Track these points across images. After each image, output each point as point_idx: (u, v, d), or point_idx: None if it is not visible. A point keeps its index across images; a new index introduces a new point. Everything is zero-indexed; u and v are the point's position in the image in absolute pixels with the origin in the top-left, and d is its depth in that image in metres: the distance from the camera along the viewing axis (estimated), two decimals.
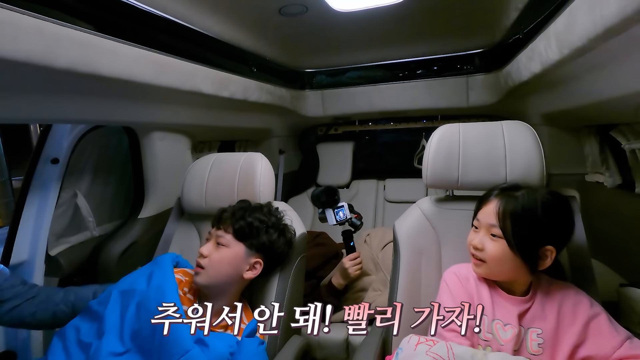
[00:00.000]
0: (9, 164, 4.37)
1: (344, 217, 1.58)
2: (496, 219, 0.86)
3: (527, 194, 0.86)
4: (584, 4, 0.76)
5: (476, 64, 1.94)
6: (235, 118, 1.81)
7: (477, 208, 0.94)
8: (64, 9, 0.82)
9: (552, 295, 0.88)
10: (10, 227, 1.30)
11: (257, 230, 1.04)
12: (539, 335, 0.84)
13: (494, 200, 0.88)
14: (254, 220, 1.04)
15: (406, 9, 1.40)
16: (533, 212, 0.84)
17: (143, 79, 1.07)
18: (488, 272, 0.90)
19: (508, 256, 0.85)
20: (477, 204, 0.95)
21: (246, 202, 1.10)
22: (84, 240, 1.45)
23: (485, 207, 0.90)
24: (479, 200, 0.94)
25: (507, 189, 0.90)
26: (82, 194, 1.43)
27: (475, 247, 0.89)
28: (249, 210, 1.06)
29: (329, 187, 1.61)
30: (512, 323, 0.85)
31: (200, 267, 0.99)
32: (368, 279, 1.65)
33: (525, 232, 0.84)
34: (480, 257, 0.89)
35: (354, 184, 2.51)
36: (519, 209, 0.85)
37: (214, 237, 1.03)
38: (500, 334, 0.85)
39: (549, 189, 0.90)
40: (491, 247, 0.87)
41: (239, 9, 1.33)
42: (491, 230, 0.87)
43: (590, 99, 1.10)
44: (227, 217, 1.03)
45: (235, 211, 1.05)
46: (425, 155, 1.11)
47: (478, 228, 0.91)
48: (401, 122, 2.50)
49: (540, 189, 0.89)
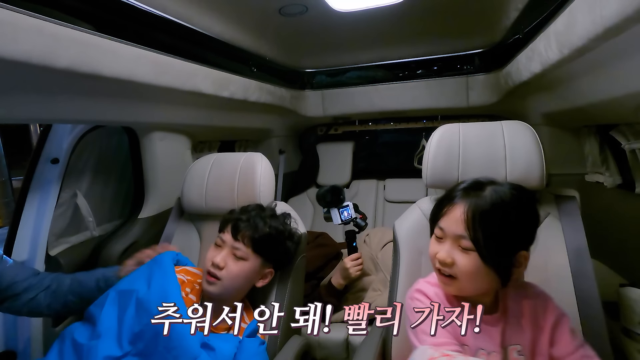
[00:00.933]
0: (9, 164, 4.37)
1: (348, 217, 1.59)
2: (465, 228, 0.72)
3: (495, 192, 0.74)
4: (584, 4, 0.76)
5: (476, 64, 1.94)
6: (235, 118, 1.81)
7: (436, 213, 0.79)
8: (64, 9, 0.82)
9: (522, 302, 0.80)
10: (10, 227, 1.30)
11: (275, 243, 1.02)
12: (519, 353, 0.77)
13: (459, 205, 0.74)
14: (272, 231, 1.01)
15: (406, 9, 1.40)
16: (505, 214, 0.73)
17: (143, 79, 1.07)
18: (459, 289, 0.77)
19: (482, 270, 0.73)
20: (437, 208, 0.79)
21: (259, 208, 1.06)
22: (84, 240, 1.45)
23: (449, 214, 0.76)
24: (439, 204, 0.79)
25: (470, 189, 0.76)
26: (82, 194, 1.42)
27: (442, 261, 0.75)
28: (266, 219, 1.02)
29: (334, 186, 1.61)
30: (496, 350, 0.77)
31: (215, 278, 0.95)
32: (368, 279, 1.65)
33: (499, 241, 0.72)
34: (449, 274, 0.75)
35: (354, 184, 2.51)
36: (489, 212, 0.72)
37: (229, 247, 0.98)
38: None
39: (512, 183, 0.79)
40: (463, 262, 0.73)
41: (239, 9, 1.33)
42: (460, 242, 0.74)
43: (590, 99, 1.10)
44: (245, 227, 0.98)
45: (252, 220, 1.00)
46: (425, 155, 1.11)
47: (442, 238, 0.77)
48: (401, 122, 2.50)
49: (504, 184, 0.77)
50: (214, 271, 0.96)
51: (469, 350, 0.76)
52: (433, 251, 0.79)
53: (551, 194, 1.09)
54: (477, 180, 0.79)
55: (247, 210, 1.05)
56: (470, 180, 0.80)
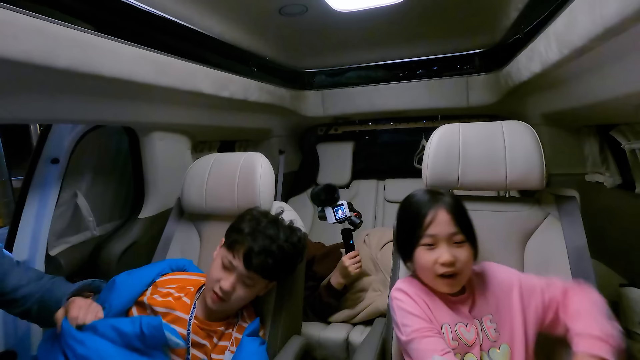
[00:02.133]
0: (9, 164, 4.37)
1: (343, 216, 1.58)
2: (455, 225, 0.84)
3: (446, 192, 0.91)
4: (584, 4, 0.76)
5: (476, 64, 1.94)
6: (235, 118, 1.81)
7: (418, 227, 0.86)
8: (64, 9, 0.82)
9: (481, 278, 0.91)
10: (10, 227, 1.30)
11: (287, 266, 1.00)
12: (492, 321, 0.86)
13: (439, 209, 0.85)
14: (286, 257, 0.97)
15: (406, 9, 1.40)
16: (458, 202, 0.89)
17: (143, 79, 1.07)
18: (460, 283, 0.86)
19: (471, 255, 0.85)
20: (416, 223, 0.86)
21: (273, 227, 0.97)
22: (84, 240, 1.44)
23: (435, 220, 0.84)
24: (415, 218, 0.87)
25: (434, 196, 0.89)
26: (82, 194, 1.42)
27: (446, 263, 0.82)
28: (282, 244, 0.95)
29: (328, 185, 1.60)
30: (470, 321, 0.86)
31: (221, 299, 0.93)
32: (368, 279, 1.65)
33: (468, 222, 0.87)
34: (453, 272, 0.83)
35: (354, 184, 2.51)
36: (457, 204, 0.87)
37: (239, 274, 0.93)
38: (465, 336, 0.85)
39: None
40: (462, 255, 0.83)
41: (239, 9, 1.33)
42: (453, 239, 0.83)
43: (590, 99, 1.10)
44: (260, 260, 0.92)
45: (266, 249, 0.93)
46: (425, 155, 1.11)
47: (434, 245, 0.85)
48: (401, 122, 2.50)
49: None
50: (220, 294, 0.92)
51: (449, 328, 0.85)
52: (431, 259, 0.85)
53: (551, 194, 1.09)
54: (428, 190, 0.93)
55: (260, 231, 0.95)
56: (424, 191, 0.93)
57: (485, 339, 0.85)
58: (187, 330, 0.93)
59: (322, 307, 1.57)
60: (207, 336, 0.94)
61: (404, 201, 0.95)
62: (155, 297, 0.99)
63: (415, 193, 0.93)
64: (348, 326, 1.58)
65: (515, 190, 1.26)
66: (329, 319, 1.60)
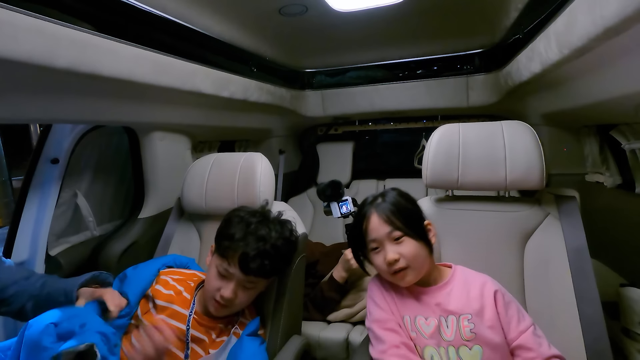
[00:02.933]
0: (9, 164, 4.37)
1: (347, 210, 1.63)
2: (388, 224, 0.88)
3: (387, 192, 0.95)
4: (584, 4, 0.76)
5: (476, 64, 1.94)
6: (235, 118, 1.81)
7: (358, 237, 0.94)
8: (64, 9, 0.82)
9: (471, 279, 0.93)
10: (10, 227, 1.30)
11: (283, 262, 1.02)
12: (469, 321, 0.86)
13: (371, 215, 0.91)
14: (282, 254, 0.98)
15: (406, 9, 1.40)
16: (397, 199, 0.93)
17: (143, 79, 1.07)
18: (415, 274, 0.89)
19: (417, 246, 0.88)
20: (356, 234, 0.95)
21: (265, 225, 0.96)
22: (84, 240, 1.45)
23: (370, 226, 0.90)
24: (358, 229, 0.94)
25: (370, 201, 0.94)
26: (82, 194, 1.43)
27: (391, 261, 0.87)
28: (276, 242, 0.95)
29: (334, 181, 1.65)
30: (432, 315, 0.88)
31: (223, 305, 0.93)
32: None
33: (408, 216, 0.91)
34: (401, 267, 0.87)
35: (354, 184, 2.51)
36: (392, 203, 0.91)
37: (237, 280, 0.92)
38: (423, 328, 0.88)
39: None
40: (405, 249, 0.87)
41: (239, 9, 1.33)
42: (391, 236, 0.88)
43: (590, 99, 1.10)
44: (256, 262, 0.91)
45: (261, 251, 0.92)
46: (425, 155, 1.11)
47: (379, 247, 0.90)
48: (401, 122, 2.50)
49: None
50: (223, 303, 0.92)
51: (409, 319, 0.90)
52: (380, 261, 0.90)
53: (551, 194, 1.09)
54: (370, 196, 0.97)
55: (251, 234, 0.93)
56: (362, 202, 0.98)
57: (458, 336, 0.86)
58: (187, 326, 0.94)
59: (324, 302, 1.58)
60: (206, 332, 0.95)
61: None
62: (158, 289, 1.00)
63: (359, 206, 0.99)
64: (348, 326, 1.58)
65: (515, 190, 1.26)
66: (328, 318, 1.61)
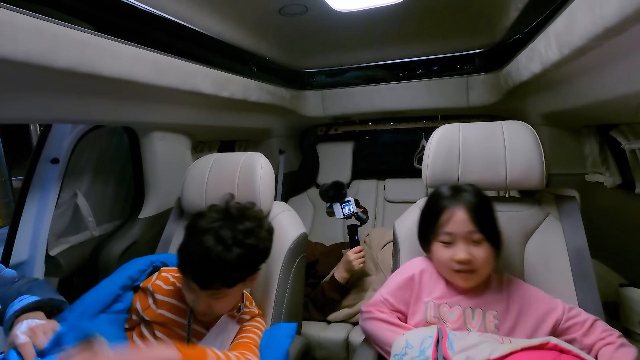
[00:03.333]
0: (9, 164, 4.37)
1: (350, 212, 1.62)
2: (473, 225, 0.85)
3: (471, 189, 0.91)
4: (584, 4, 0.76)
5: (476, 64, 1.94)
6: (235, 118, 1.81)
7: (433, 224, 0.90)
8: (64, 9, 0.82)
9: (509, 284, 0.91)
10: (10, 227, 1.30)
11: (253, 264, 0.90)
12: (495, 317, 0.87)
13: (457, 208, 0.87)
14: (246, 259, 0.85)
15: (406, 9, 1.40)
16: (486, 200, 0.90)
17: (143, 79, 1.07)
18: (477, 280, 0.88)
19: (490, 253, 0.86)
20: (432, 219, 0.90)
21: (222, 225, 0.84)
22: (84, 240, 1.45)
23: (452, 219, 0.87)
24: (434, 215, 0.90)
25: (455, 193, 0.90)
26: (82, 194, 1.42)
27: (462, 261, 0.85)
28: (232, 256, 0.82)
29: (336, 182, 1.64)
30: (459, 304, 0.89)
31: (204, 314, 0.90)
32: (368, 279, 1.65)
33: (492, 221, 0.89)
34: (469, 269, 0.85)
35: (354, 184, 2.51)
36: (480, 203, 0.88)
37: (203, 295, 0.85)
38: (447, 316, 0.88)
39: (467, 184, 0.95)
40: (479, 254, 0.85)
41: (239, 9, 1.33)
42: (471, 237, 0.85)
43: (590, 99, 1.10)
44: (212, 276, 0.83)
45: (215, 260, 0.81)
46: (425, 155, 1.11)
47: (451, 242, 0.87)
48: (401, 122, 2.50)
49: (465, 185, 0.93)
50: (202, 313, 0.90)
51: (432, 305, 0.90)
52: (447, 255, 0.88)
53: (551, 194, 1.09)
54: (453, 185, 0.94)
55: (209, 250, 0.81)
56: (448, 187, 0.94)
57: (482, 328, 0.86)
58: (188, 322, 0.94)
59: (324, 302, 1.59)
60: (206, 327, 0.95)
61: (430, 194, 0.98)
62: (159, 284, 0.99)
63: (440, 188, 0.95)
64: (348, 326, 1.58)
65: (515, 190, 1.26)
66: (328, 318, 1.61)
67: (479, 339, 0.79)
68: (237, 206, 0.91)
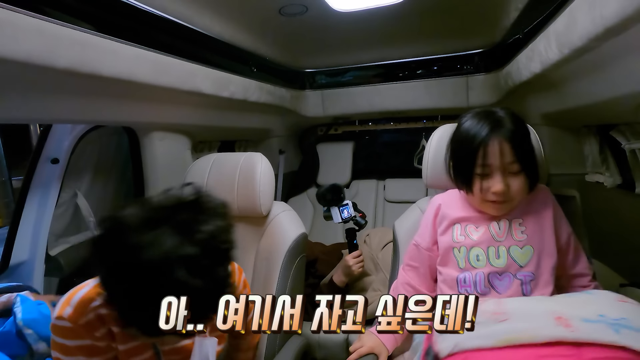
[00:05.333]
0: (9, 164, 4.37)
1: (348, 215, 1.59)
2: (512, 155, 0.82)
3: (507, 115, 0.85)
4: (584, 4, 0.76)
5: (476, 64, 1.94)
6: (235, 118, 1.81)
7: (473, 155, 0.83)
8: (64, 9, 0.82)
9: (532, 200, 0.91)
10: (10, 227, 1.30)
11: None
12: (521, 224, 0.88)
13: (493, 138, 0.82)
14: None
15: (406, 9, 1.40)
16: (524, 128, 0.87)
17: (143, 79, 1.07)
18: (509, 208, 0.88)
19: (526, 183, 0.85)
20: (467, 152, 0.85)
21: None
22: (84, 240, 1.45)
23: (489, 150, 0.82)
24: (467, 147, 0.85)
25: (490, 121, 0.83)
26: (82, 194, 1.43)
27: (498, 193, 0.83)
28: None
29: (334, 185, 1.61)
30: (483, 223, 0.90)
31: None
32: (368, 279, 1.65)
33: (530, 151, 0.87)
34: (504, 199, 0.84)
35: (354, 184, 2.51)
36: (519, 132, 0.84)
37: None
38: (473, 234, 0.90)
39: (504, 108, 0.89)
40: (516, 184, 0.83)
41: (239, 9, 1.33)
42: (510, 168, 0.83)
43: (590, 99, 1.10)
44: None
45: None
46: (425, 155, 1.11)
47: (489, 174, 0.84)
48: (401, 122, 2.50)
49: (500, 109, 0.88)
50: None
51: (459, 227, 0.92)
52: (482, 187, 0.85)
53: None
54: (486, 111, 0.87)
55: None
56: (479, 113, 0.87)
57: (509, 237, 0.87)
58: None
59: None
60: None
61: (457, 126, 0.91)
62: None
63: (468, 117, 0.88)
64: None
65: None
66: None
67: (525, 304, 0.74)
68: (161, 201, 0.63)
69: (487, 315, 0.70)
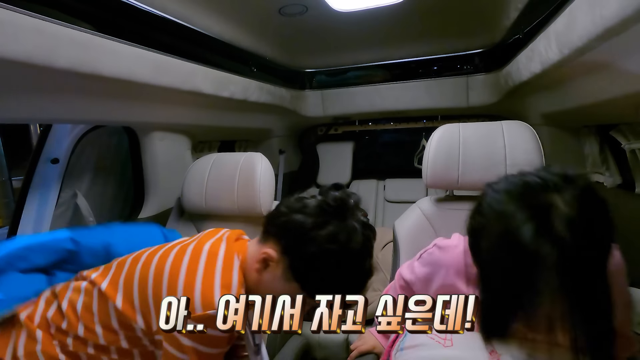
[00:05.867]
0: (9, 164, 4.37)
1: None
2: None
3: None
4: (584, 4, 0.76)
5: (476, 64, 1.94)
6: (235, 118, 1.81)
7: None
8: (64, 9, 0.82)
9: None
10: (10, 227, 1.30)
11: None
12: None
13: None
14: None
15: (406, 9, 1.40)
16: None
17: (143, 79, 1.07)
18: None
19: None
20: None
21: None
22: None
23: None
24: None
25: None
26: (82, 194, 1.43)
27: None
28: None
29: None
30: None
31: None
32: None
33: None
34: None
35: (354, 184, 2.51)
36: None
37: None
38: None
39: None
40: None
41: (239, 9, 1.33)
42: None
43: (590, 99, 1.10)
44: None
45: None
46: (425, 155, 1.11)
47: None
48: (401, 122, 2.50)
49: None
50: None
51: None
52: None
53: None
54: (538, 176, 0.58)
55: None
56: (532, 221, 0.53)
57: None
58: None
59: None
60: None
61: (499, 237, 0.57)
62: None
63: (517, 222, 0.53)
64: None
65: None
66: None
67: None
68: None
69: (437, 338, 0.70)
